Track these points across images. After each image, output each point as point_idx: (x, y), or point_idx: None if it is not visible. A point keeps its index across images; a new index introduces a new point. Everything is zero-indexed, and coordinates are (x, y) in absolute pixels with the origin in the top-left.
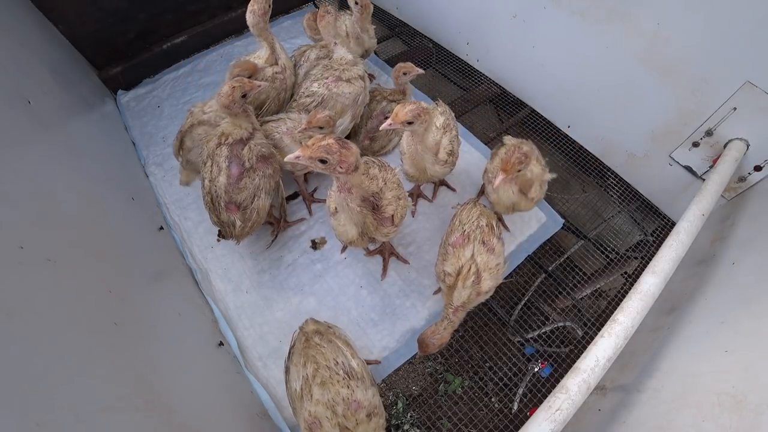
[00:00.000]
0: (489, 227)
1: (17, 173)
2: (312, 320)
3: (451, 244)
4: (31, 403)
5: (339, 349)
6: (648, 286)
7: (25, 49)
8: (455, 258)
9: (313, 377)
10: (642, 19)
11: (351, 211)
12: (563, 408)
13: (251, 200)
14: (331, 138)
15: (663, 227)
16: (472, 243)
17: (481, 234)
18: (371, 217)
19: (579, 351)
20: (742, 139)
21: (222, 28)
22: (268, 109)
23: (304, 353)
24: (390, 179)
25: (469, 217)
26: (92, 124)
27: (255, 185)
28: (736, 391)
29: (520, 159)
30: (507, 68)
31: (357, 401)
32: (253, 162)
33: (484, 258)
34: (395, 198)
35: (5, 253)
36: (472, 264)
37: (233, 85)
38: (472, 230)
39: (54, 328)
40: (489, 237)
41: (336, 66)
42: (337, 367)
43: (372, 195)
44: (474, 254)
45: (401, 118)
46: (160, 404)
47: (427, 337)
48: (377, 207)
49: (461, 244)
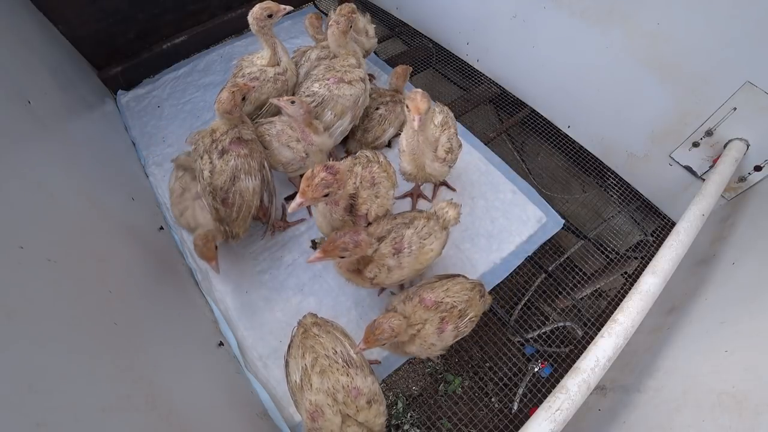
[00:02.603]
0: (462, 316)
1: (17, 173)
2: (311, 314)
3: (421, 300)
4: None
5: (337, 339)
6: (648, 286)
7: (25, 49)
8: (413, 309)
9: (312, 366)
10: (642, 19)
11: (332, 219)
12: (563, 408)
13: (231, 182)
14: (320, 171)
15: (663, 227)
16: (435, 317)
17: (450, 318)
18: (350, 223)
19: (579, 351)
20: (742, 139)
21: (222, 28)
22: (268, 110)
23: (302, 344)
24: (366, 177)
25: (459, 295)
26: (92, 124)
27: (231, 167)
28: (736, 391)
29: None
30: (507, 68)
31: (357, 388)
32: (225, 144)
33: (429, 334)
34: (371, 197)
35: (5, 253)
36: (421, 327)
37: (232, 90)
38: (447, 309)
39: (54, 328)
40: (452, 322)
41: (338, 67)
42: (336, 356)
43: (349, 196)
44: (427, 327)
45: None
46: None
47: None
48: (353, 207)
49: (429, 307)
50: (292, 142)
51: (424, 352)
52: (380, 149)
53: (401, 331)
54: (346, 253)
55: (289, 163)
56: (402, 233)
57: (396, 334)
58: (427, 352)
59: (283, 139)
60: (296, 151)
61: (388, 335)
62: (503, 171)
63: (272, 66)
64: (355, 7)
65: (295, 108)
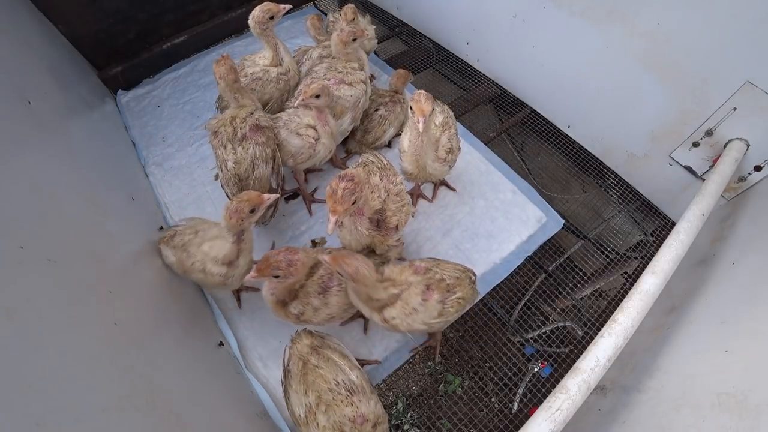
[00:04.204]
0: (449, 292)
1: (17, 173)
2: (305, 333)
3: (411, 264)
4: (31, 403)
5: (337, 365)
6: (648, 286)
7: (25, 49)
8: (400, 271)
9: (317, 405)
10: (642, 19)
11: (359, 234)
12: (563, 408)
13: (252, 170)
14: (338, 183)
15: (663, 227)
16: (421, 283)
17: (437, 288)
18: (378, 236)
19: (579, 351)
20: (742, 139)
21: (222, 28)
22: (271, 110)
23: (303, 380)
24: (392, 190)
25: (450, 272)
26: (92, 124)
27: (251, 155)
28: (736, 391)
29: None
30: (507, 68)
31: (362, 415)
32: (246, 131)
33: (412, 297)
34: (399, 208)
35: (5, 253)
36: (405, 289)
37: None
38: (435, 279)
39: (54, 328)
40: (438, 293)
41: (340, 68)
42: (339, 387)
43: (376, 212)
44: (412, 290)
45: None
46: (160, 404)
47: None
48: (382, 221)
49: (417, 272)
50: (301, 128)
51: (404, 319)
52: (380, 149)
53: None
54: (279, 273)
55: (299, 152)
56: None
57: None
58: (407, 320)
59: (292, 127)
60: (305, 137)
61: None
62: (503, 171)
63: (275, 66)
64: (360, 30)
65: (321, 100)
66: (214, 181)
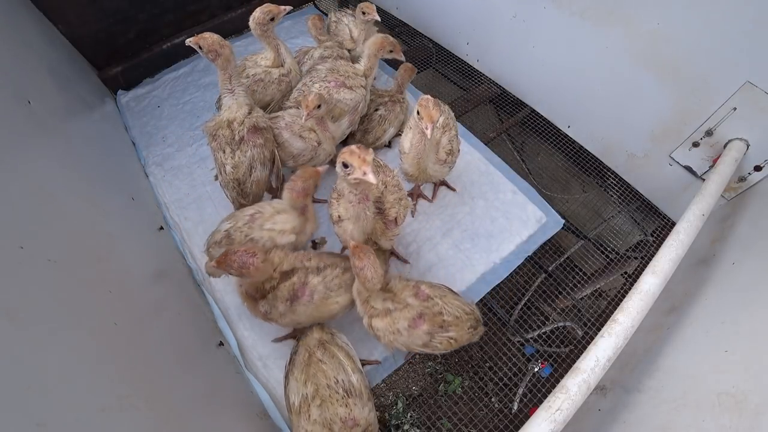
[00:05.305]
0: (442, 328)
1: (17, 173)
2: (318, 329)
3: (416, 287)
4: (31, 403)
5: (340, 365)
6: (648, 286)
7: (25, 49)
8: (403, 288)
9: (313, 398)
10: (642, 20)
11: (366, 219)
12: (563, 408)
13: (249, 173)
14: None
15: (663, 227)
16: (416, 309)
17: (430, 320)
18: (381, 223)
19: (579, 351)
20: (742, 139)
21: (222, 28)
22: (272, 110)
23: (305, 371)
24: (390, 182)
25: (453, 308)
26: (92, 124)
27: (249, 158)
28: (736, 391)
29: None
30: (507, 68)
31: (354, 419)
32: (243, 133)
33: (401, 320)
34: (396, 200)
35: (5, 253)
36: (400, 309)
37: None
38: (432, 310)
39: (54, 328)
40: (429, 324)
41: (342, 71)
42: (337, 386)
43: (375, 200)
44: (405, 312)
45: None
46: (160, 404)
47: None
48: (381, 211)
49: (417, 296)
50: (304, 131)
51: (387, 335)
52: (380, 149)
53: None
54: (231, 271)
55: (300, 154)
56: (306, 280)
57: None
58: (388, 337)
59: (295, 129)
60: (308, 140)
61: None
62: (503, 171)
63: (276, 67)
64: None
65: (322, 108)
66: (214, 181)
